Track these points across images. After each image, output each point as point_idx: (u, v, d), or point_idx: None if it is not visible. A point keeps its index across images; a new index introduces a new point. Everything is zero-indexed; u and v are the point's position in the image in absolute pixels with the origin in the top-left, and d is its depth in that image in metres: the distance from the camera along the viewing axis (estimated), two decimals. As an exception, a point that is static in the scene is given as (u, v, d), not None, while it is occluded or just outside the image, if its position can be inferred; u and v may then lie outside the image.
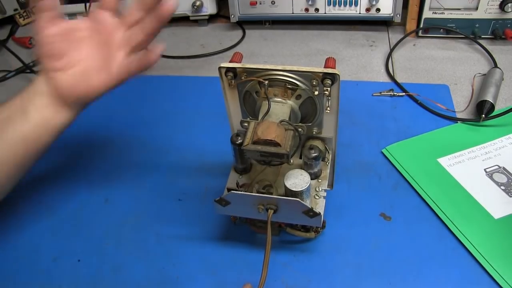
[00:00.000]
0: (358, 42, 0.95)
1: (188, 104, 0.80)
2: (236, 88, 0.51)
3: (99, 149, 0.73)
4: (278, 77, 0.48)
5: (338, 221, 0.57)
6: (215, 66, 0.91)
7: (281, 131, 0.46)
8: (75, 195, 0.65)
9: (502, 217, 0.56)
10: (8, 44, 1.02)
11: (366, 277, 0.52)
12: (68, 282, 0.54)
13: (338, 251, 0.54)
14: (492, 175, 0.61)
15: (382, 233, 0.56)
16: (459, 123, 0.70)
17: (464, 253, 0.53)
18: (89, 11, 0.86)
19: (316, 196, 0.52)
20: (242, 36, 1.01)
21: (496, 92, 0.73)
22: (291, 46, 0.96)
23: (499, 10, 0.85)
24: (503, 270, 0.50)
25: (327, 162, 0.54)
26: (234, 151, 0.52)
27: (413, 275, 0.51)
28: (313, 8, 0.94)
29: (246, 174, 0.55)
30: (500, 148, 0.65)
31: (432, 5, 0.87)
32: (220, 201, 0.49)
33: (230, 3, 0.96)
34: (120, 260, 0.56)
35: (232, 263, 0.54)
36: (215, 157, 0.67)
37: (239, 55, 0.51)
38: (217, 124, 0.73)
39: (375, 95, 0.78)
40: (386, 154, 0.66)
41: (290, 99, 0.49)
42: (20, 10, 1.10)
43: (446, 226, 0.56)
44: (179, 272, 0.54)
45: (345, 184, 0.62)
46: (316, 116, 0.51)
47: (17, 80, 0.93)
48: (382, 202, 0.60)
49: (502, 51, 0.86)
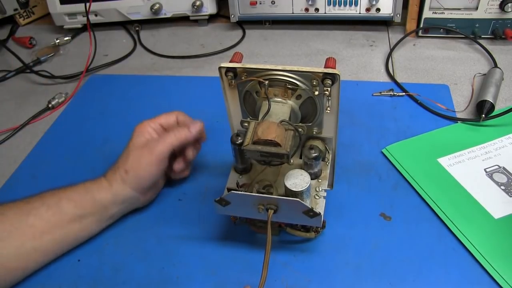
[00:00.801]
0: (358, 42, 0.95)
1: (188, 104, 0.80)
2: (236, 88, 0.51)
3: (99, 149, 0.73)
4: (278, 77, 0.48)
5: (338, 221, 0.57)
6: (215, 66, 0.92)
7: (281, 131, 0.46)
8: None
9: (502, 217, 0.56)
10: (8, 44, 1.03)
11: (366, 277, 0.52)
12: (68, 282, 0.54)
13: (338, 251, 0.54)
14: (492, 175, 0.61)
15: (382, 233, 0.56)
16: (459, 123, 0.70)
17: (464, 253, 0.53)
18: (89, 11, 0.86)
19: (316, 196, 0.52)
20: (242, 36, 1.01)
21: (496, 92, 0.73)
22: (291, 46, 0.96)
23: (499, 10, 0.85)
24: (503, 270, 0.50)
25: (327, 162, 0.54)
26: (234, 151, 0.52)
27: (413, 275, 0.51)
28: (313, 8, 0.94)
29: (246, 174, 0.55)
30: (500, 148, 0.65)
31: (432, 5, 0.87)
32: (220, 201, 0.49)
33: (230, 3, 0.96)
34: (120, 260, 0.56)
35: (232, 263, 0.54)
36: (215, 157, 0.67)
37: (239, 55, 0.51)
38: (217, 124, 0.73)
39: (375, 95, 0.78)
40: (386, 154, 0.66)
41: (290, 99, 0.49)
42: (20, 10, 1.10)
43: (446, 226, 0.56)
44: (179, 272, 0.54)
45: (345, 184, 0.62)
46: (316, 116, 0.51)
47: (17, 80, 0.93)
48: (382, 202, 0.59)
49: (502, 51, 0.86)
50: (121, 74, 0.92)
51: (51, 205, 0.53)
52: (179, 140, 0.57)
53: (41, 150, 0.74)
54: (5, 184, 0.68)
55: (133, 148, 0.56)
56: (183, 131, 0.57)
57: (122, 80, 0.89)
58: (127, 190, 0.56)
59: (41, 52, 1.00)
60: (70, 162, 0.71)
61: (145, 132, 0.58)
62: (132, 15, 1.03)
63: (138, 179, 0.56)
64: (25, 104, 0.86)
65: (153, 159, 0.55)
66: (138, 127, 0.59)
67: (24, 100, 0.87)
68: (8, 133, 0.78)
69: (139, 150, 0.56)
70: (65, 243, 0.55)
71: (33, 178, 0.69)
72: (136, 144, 0.57)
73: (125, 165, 0.55)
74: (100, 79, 0.91)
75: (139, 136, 0.57)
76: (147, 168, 0.55)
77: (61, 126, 0.79)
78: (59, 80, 0.92)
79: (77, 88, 0.87)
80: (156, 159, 0.55)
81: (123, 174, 0.55)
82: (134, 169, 0.55)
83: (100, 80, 0.91)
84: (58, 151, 0.74)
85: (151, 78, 0.90)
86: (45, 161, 0.72)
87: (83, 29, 1.07)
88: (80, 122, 0.80)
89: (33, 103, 0.85)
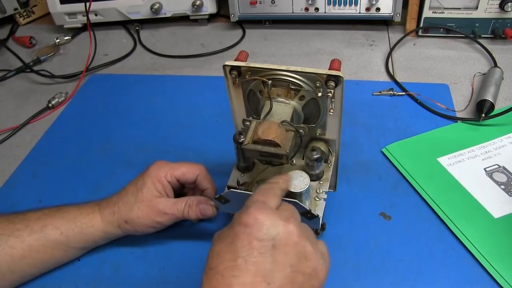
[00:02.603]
0: (358, 41, 0.95)
1: (188, 104, 0.80)
2: (240, 87, 0.51)
3: (99, 149, 0.73)
4: (281, 77, 0.48)
5: (338, 221, 0.57)
6: (215, 65, 0.92)
7: (282, 132, 0.46)
8: (75, 195, 0.65)
9: (502, 216, 0.56)
10: (8, 44, 1.02)
11: (366, 276, 0.52)
12: (68, 282, 0.54)
13: (338, 250, 0.54)
14: (492, 174, 0.61)
15: (382, 232, 0.56)
16: (459, 123, 0.70)
17: (464, 252, 0.53)
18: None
19: (316, 198, 0.51)
20: (242, 35, 1.01)
21: (496, 91, 0.73)
22: (291, 45, 0.96)
23: (499, 9, 0.85)
24: (503, 270, 0.50)
25: (329, 164, 0.54)
26: (237, 149, 0.52)
27: (413, 274, 0.51)
28: (313, 8, 0.94)
29: (248, 173, 0.55)
30: (500, 147, 0.65)
31: (432, 5, 0.87)
32: (220, 198, 0.49)
33: (230, 2, 0.96)
34: (120, 260, 0.56)
35: (232, 263, 0.54)
36: (215, 156, 0.67)
37: (245, 53, 0.51)
38: (217, 123, 0.73)
39: (375, 94, 0.78)
40: (386, 154, 0.66)
41: (293, 99, 0.49)
42: (20, 9, 1.10)
43: (446, 226, 0.56)
44: (179, 272, 0.54)
45: (345, 184, 0.62)
46: (320, 117, 0.51)
47: (17, 80, 0.93)
48: (382, 201, 0.60)
49: (502, 50, 0.86)
50: (121, 73, 0.92)
51: (35, 230, 0.51)
52: (187, 217, 0.54)
53: (41, 149, 0.74)
54: (5, 183, 0.68)
55: (141, 202, 0.52)
56: (194, 211, 0.53)
57: (122, 80, 0.89)
58: (120, 233, 0.54)
59: (41, 52, 0.99)
60: (70, 162, 0.71)
61: (159, 184, 0.53)
62: (132, 14, 1.03)
63: (135, 230, 0.53)
64: (25, 103, 0.86)
65: (155, 225, 0.53)
66: (154, 171, 0.54)
67: (24, 100, 0.87)
68: (8, 132, 0.78)
69: (145, 208, 0.52)
70: (45, 268, 0.53)
71: (33, 178, 0.69)
72: (145, 198, 0.52)
73: (127, 216, 0.52)
74: (100, 79, 0.91)
75: (152, 189, 0.53)
76: (147, 228, 0.53)
77: (61, 125, 0.79)
78: (59, 79, 0.92)
79: (77, 87, 0.87)
80: (158, 225, 0.53)
81: (121, 222, 0.53)
82: (133, 224, 0.53)
83: (100, 79, 0.91)
84: (58, 150, 0.74)
85: (151, 77, 0.90)
86: (45, 161, 0.72)
87: (83, 29, 1.07)
88: (80, 122, 0.80)
89: (33, 103, 0.85)
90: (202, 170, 0.56)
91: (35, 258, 0.51)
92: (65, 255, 0.53)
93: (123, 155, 0.71)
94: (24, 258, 0.50)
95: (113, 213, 0.53)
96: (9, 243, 0.50)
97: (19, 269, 0.50)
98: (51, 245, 0.51)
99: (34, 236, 0.50)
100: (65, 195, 0.65)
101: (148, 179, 0.53)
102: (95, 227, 0.53)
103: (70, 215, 0.53)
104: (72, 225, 0.52)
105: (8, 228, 0.50)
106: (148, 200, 0.52)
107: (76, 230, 0.52)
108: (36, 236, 0.50)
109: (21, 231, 0.50)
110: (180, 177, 0.55)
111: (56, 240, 0.51)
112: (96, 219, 0.53)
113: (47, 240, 0.51)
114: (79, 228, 0.52)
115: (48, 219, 0.52)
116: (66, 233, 0.52)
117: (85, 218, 0.53)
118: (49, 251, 0.51)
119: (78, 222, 0.52)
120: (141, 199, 0.52)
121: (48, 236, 0.51)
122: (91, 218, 0.53)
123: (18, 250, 0.50)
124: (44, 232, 0.51)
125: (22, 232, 0.50)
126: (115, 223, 0.53)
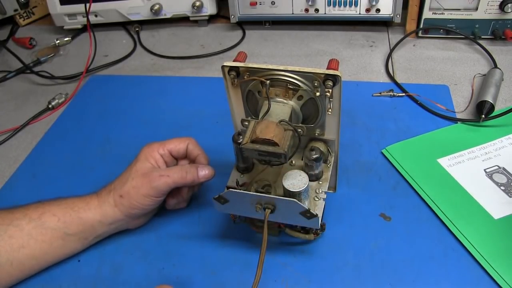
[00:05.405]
0: (358, 42, 0.95)
1: (188, 104, 0.80)
2: (239, 87, 0.51)
3: (99, 149, 0.73)
4: (279, 77, 0.48)
5: (338, 221, 0.57)
6: (215, 66, 0.92)
7: (280, 131, 0.46)
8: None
9: (502, 217, 0.56)
10: (8, 45, 1.03)
11: (366, 277, 0.52)
12: (68, 282, 0.54)
13: (338, 251, 0.54)
14: (492, 175, 0.61)
15: (382, 233, 0.56)
16: (459, 124, 0.70)
17: (464, 253, 0.53)
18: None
19: (315, 198, 0.51)
20: (242, 36, 1.01)
21: (496, 92, 0.73)
22: (291, 46, 0.96)
23: (499, 10, 0.85)
24: (503, 270, 0.50)
25: (328, 164, 0.54)
26: (236, 150, 0.52)
27: (413, 275, 0.51)
28: (313, 9, 0.94)
29: (247, 174, 0.55)
30: (500, 148, 0.65)
31: (432, 6, 0.87)
32: (219, 198, 0.49)
33: (230, 3, 0.96)
34: (120, 260, 0.56)
35: (232, 263, 0.54)
36: (215, 157, 0.67)
37: (243, 54, 0.51)
38: (217, 124, 0.73)
39: (375, 95, 0.78)
40: (386, 155, 0.66)
41: (292, 99, 0.49)
42: (20, 10, 1.10)
43: (446, 226, 0.56)
44: (179, 272, 0.54)
45: (345, 185, 0.62)
46: (318, 117, 0.51)
47: (17, 81, 0.93)
48: (382, 202, 0.60)
49: (502, 51, 0.86)
50: (121, 74, 0.92)
51: (34, 218, 0.51)
52: (183, 181, 0.54)
53: (41, 150, 0.74)
54: (5, 184, 0.68)
55: (135, 173, 0.53)
56: (191, 173, 0.54)
57: (122, 81, 0.90)
58: (117, 214, 0.53)
59: (41, 53, 1.00)
60: (70, 163, 0.71)
61: (152, 158, 0.55)
62: (132, 15, 1.03)
63: (131, 206, 0.53)
64: (25, 104, 0.86)
65: (151, 192, 0.52)
66: (145, 149, 0.56)
67: (24, 101, 0.87)
68: (8, 133, 0.79)
69: (140, 178, 0.53)
70: (43, 260, 0.53)
71: (33, 178, 0.69)
72: (139, 169, 0.53)
73: (122, 189, 0.53)
74: (100, 80, 0.91)
75: (144, 161, 0.54)
76: (143, 199, 0.53)
77: (61, 126, 0.79)
78: (59, 80, 0.92)
79: (77, 88, 0.87)
80: (154, 193, 0.53)
81: (116, 198, 0.53)
82: (129, 197, 0.52)
83: (100, 80, 0.91)
84: (58, 151, 0.74)
85: (151, 78, 0.90)
86: (45, 162, 0.72)
87: (83, 30, 1.07)
88: (80, 123, 0.80)
89: (33, 104, 0.85)
90: (192, 140, 0.59)
91: (34, 248, 0.51)
92: (64, 245, 0.53)
93: (123, 156, 0.70)
94: (23, 248, 0.51)
95: (109, 191, 0.54)
96: (9, 232, 0.50)
97: (17, 260, 0.51)
98: (50, 233, 0.52)
99: (33, 224, 0.51)
100: (64, 195, 0.65)
101: (141, 154, 0.55)
102: (92, 210, 0.53)
103: (68, 202, 0.54)
104: (69, 210, 0.53)
105: (8, 217, 0.51)
106: (142, 170, 0.54)
107: (73, 215, 0.53)
108: (34, 223, 0.51)
109: (20, 220, 0.51)
110: (172, 148, 0.57)
111: (53, 228, 0.52)
112: (93, 201, 0.54)
113: (45, 228, 0.51)
114: (76, 213, 0.53)
115: (46, 207, 0.53)
116: (64, 219, 0.52)
117: (82, 202, 0.54)
118: (47, 240, 0.52)
119: (76, 207, 0.53)
120: (135, 171, 0.54)
121: (46, 223, 0.52)
122: (88, 202, 0.54)
123: (17, 239, 0.50)
124: (42, 219, 0.52)
125: (21, 221, 0.51)
126: (110, 200, 0.53)
